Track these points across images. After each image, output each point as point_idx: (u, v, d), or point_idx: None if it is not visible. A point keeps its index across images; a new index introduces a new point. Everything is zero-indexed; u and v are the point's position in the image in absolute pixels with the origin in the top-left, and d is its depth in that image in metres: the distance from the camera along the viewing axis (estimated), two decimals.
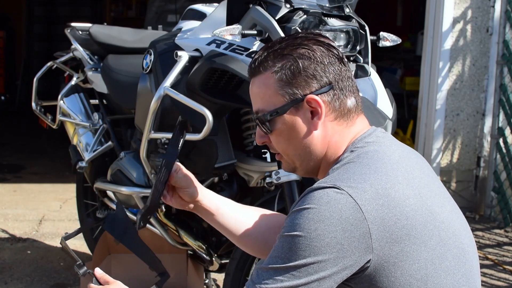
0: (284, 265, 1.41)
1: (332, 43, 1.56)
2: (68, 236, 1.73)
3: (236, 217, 1.80)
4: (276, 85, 1.53)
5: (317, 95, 1.51)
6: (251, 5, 2.40)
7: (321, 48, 1.53)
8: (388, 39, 2.53)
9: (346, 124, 1.55)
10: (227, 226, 1.80)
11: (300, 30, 2.28)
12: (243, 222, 1.80)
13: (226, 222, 1.80)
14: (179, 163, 1.78)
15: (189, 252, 3.04)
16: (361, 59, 2.38)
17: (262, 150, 2.69)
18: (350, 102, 1.55)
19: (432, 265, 1.45)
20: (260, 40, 2.38)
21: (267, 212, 1.86)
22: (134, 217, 3.02)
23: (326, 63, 1.52)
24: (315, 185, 1.45)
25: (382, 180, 1.45)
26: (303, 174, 1.63)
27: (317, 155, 1.56)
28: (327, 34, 2.27)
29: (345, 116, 1.55)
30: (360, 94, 1.62)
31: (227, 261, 2.75)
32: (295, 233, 1.40)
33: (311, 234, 1.39)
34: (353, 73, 1.61)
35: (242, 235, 1.80)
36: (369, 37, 2.41)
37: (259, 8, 2.36)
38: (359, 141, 1.55)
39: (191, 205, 1.79)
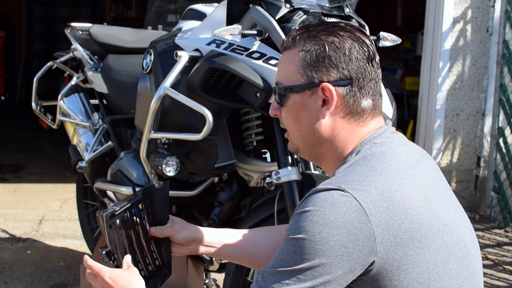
0: (289, 268, 1.40)
1: (367, 41, 1.55)
2: (111, 214, 1.64)
3: (241, 243, 1.80)
4: (299, 63, 1.54)
5: (333, 85, 1.51)
6: (251, 5, 2.39)
7: (354, 43, 1.53)
8: (388, 39, 2.53)
9: (357, 124, 1.54)
10: (235, 255, 1.81)
11: None
12: (249, 246, 1.80)
13: (233, 251, 1.80)
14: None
15: None
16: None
17: (262, 150, 2.69)
18: (366, 103, 1.54)
19: (435, 269, 1.45)
20: (260, 40, 2.38)
21: (270, 228, 1.86)
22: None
23: (352, 58, 1.52)
24: (320, 186, 1.44)
25: (388, 182, 1.44)
26: (307, 157, 1.64)
27: (321, 143, 1.56)
28: None
29: (358, 115, 1.54)
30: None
31: (227, 261, 2.75)
32: (299, 236, 1.40)
33: (316, 237, 1.38)
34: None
35: (253, 258, 1.80)
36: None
37: (259, 8, 2.36)
38: (368, 142, 1.54)
39: (194, 248, 1.80)
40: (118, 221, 1.65)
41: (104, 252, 1.63)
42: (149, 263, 1.70)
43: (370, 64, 1.54)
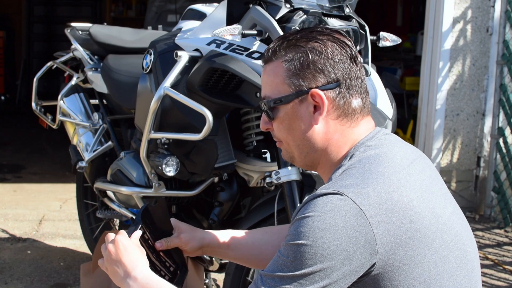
0: (290, 273, 1.40)
1: (347, 41, 1.56)
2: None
3: (248, 246, 1.81)
4: (284, 74, 1.54)
5: (322, 90, 1.52)
6: (251, 5, 2.39)
7: (335, 44, 1.53)
8: (388, 39, 2.53)
9: (349, 124, 1.55)
10: (241, 258, 1.82)
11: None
12: (255, 249, 1.81)
13: (239, 255, 1.81)
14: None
15: None
16: (361, 59, 2.38)
17: (262, 150, 2.69)
18: (356, 102, 1.55)
19: (435, 268, 1.45)
20: (260, 40, 2.38)
21: (276, 230, 1.87)
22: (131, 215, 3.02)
23: (336, 60, 1.52)
24: (318, 191, 1.45)
25: (385, 184, 1.45)
26: (301, 166, 1.64)
27: (316, 150, 1.56)
28: None
29: (349, 116, 1.55)
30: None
31: (227, 261, 2.75)
32: (300, 241, 1.40)
33: (317, 243, 1.38)
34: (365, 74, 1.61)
35: (259, 260, 1.80)
36: (369, 37, 2.41)
37: (259, 8, 2.36)
38: (361, 145, 1.54)
39: (200, 254, 1.81)
40: None
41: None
42: (165, 275, 1.70)
43: (354, 63, 1.55)
